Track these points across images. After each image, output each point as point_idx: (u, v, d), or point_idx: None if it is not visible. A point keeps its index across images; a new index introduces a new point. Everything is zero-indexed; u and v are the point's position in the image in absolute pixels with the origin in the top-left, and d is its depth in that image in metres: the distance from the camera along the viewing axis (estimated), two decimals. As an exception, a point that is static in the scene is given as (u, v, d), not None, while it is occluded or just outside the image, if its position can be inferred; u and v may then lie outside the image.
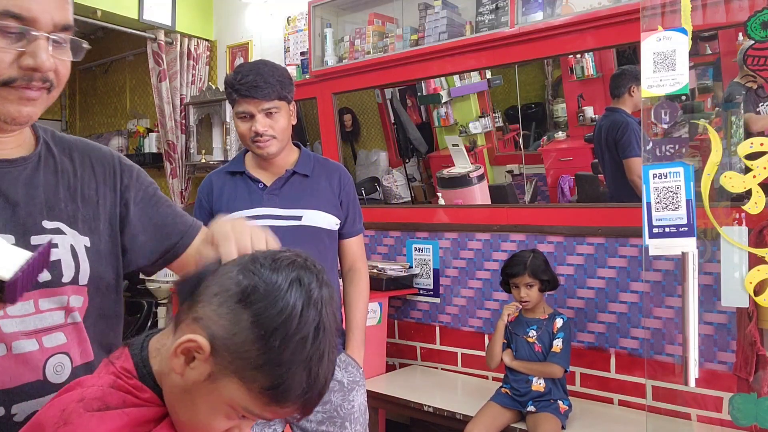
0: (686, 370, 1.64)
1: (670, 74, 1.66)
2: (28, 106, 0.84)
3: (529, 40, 2.66)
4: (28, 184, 0.88)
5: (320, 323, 0.68)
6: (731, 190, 1.63)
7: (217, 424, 0.72)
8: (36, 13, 0.80)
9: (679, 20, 1.65)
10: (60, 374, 0.87)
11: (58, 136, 0.98)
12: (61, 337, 0.88)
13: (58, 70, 0.85)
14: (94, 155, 0.98)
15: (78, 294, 0.89)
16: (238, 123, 1.76)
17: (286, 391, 0.67)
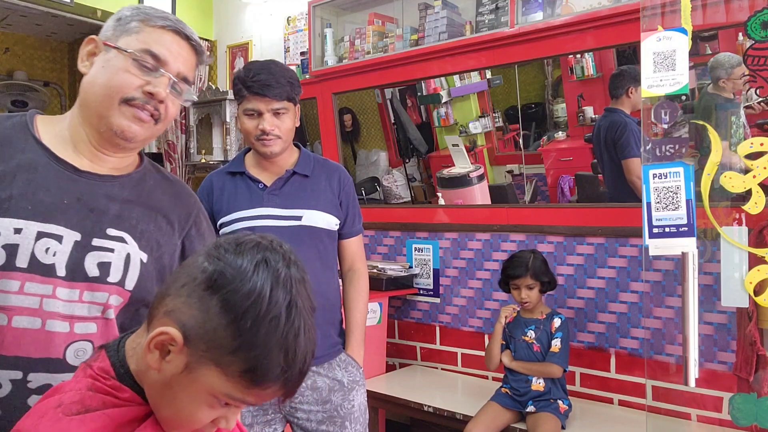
0: (686, 370, 1.64)
1: (670, 74, 1.66)
2: (137, 125, 1.04)
3: (529, 40, 2.66)
4: (110, 197, 1.05)
5: (291, 302, 0.69)
6: (731, 190, 1.63)
7: (201, 416, 0.71)
8: (168, 59, 1.05)
9: (679, 20, 1.65)
10: (80, 358, 0.97)
11: (159, 170, 1.18)
12: (92, 327, 1.00)
13: (168, 107, 1.06)
14: (179, 197, 1.17)
15: (120, 295, 1.03)
16: (244, 120, 1.76)
17: (264, 373, 0.67)
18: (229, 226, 1.79)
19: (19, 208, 0.97)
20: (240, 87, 1.74)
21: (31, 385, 0.95)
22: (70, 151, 1.06)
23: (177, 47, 1.07)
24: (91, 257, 1.00)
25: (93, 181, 1.05)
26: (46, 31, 5.45)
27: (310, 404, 1.72)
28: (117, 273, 1.02)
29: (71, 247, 0.99)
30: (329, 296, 1.79)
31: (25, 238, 0.96)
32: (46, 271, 0.97)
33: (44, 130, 1.07)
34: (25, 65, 5.53)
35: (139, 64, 1.02)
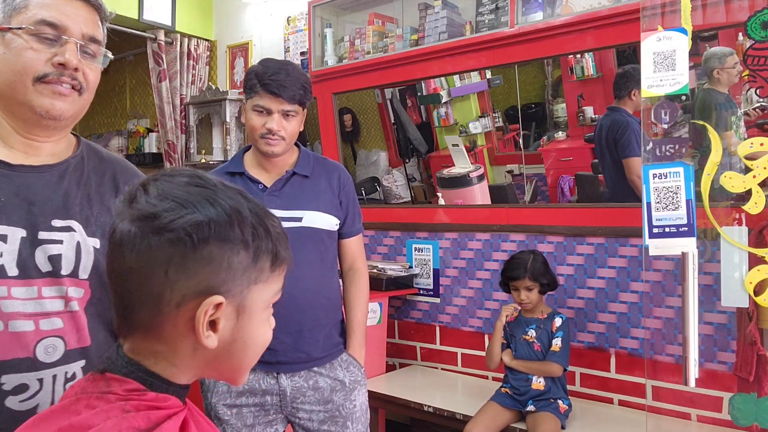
0: (686, 370, 1.64)
1: (670, 74, 1.66)
2: (60, 101, 0.99)
3: (529, 40, 2.66)
4: (49, 187, 1.01)
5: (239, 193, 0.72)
6: (731, 190, 1.63)
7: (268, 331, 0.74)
8: (66, 23, 0.99)
9: (679, 20, 1.65)
10: (51, 355, 0.97)
11: (98, 152, 1.13)
12: (57, 322, 0.98)
13: (87, 74, 1.02)
14: (121, 173, 1.12)
15: (77, 286, 1.00)
16: (252, 115, 1.75)
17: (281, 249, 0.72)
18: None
19: None
20: (255, 82, 1.73)
21: (5, 387, 0.94)
22: (1, 147, 1.01)
23: (72, 8, 1.00)
24: (41, 251, 0.97)
25: (28, 173, 1.01)
26: (46, 31, 5.45)
27: (312, 404, 1.72)
28: (69, 264, 0.99)
29: (18, 245, 0.96)
30: (330, 296, 1.79)
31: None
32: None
33: None
34: (25, 65, 5.53)
35: (38, 38, 0.97)
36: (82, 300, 1.01)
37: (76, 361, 1.00)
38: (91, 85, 1.04)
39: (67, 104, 1.00)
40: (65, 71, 0.98)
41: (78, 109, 1.03)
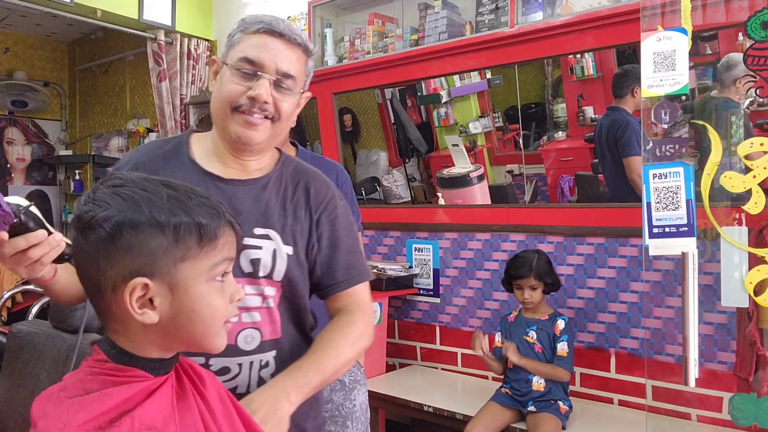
0: (686, 370, 1.64)
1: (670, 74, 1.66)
2: (251, 130, 1.12)
3: (529, 40, 2.66)
4: (254, 199, 1.16)
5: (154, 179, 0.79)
6: (731, 190, 1.63)
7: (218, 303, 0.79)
8: (264, 61, 1.12)
9: (679, 20, 1.65)
10: (249, 344, 1.12)
11: (296, 165, 1.26)
12: (256, 316, 1.13)
13: (278, 105, 1.14)
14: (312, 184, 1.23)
15: (272, 286, 1.14)
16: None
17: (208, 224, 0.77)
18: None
19: None
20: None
21: (213, 368, 1.08)
22: (215, 163, 1.18)
23: (272, 46, 1.14)
24: (244, 255, 1.12)
25: (237, 186, 1.16)
26: (46, 31, 5.45)
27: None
28: (266, 268, 1.13)
29: None
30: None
31: None
32: None
33: (196, 147, 1.21)
34: (25, 65, 5.53)
35: (240, 73, 1.12)
36: (276, 298, 1.15)
37: (270, 351, 1.14)
38: (284, 114, 1.15)
39: (258, 132, 1.13)
40: (256, 103, 1.11)
41: (271, 135, 1.16)
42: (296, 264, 1.16)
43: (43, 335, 1.96)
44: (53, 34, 5.56)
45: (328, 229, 1.20)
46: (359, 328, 1.19)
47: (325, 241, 1.20)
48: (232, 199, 1.14)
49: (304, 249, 1.18)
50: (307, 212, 1.19)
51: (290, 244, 1.16)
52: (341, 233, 1.22)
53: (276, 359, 1.15)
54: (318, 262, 1.19)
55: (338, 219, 1.22)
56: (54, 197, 5.83)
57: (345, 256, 1.21)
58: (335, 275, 1.20)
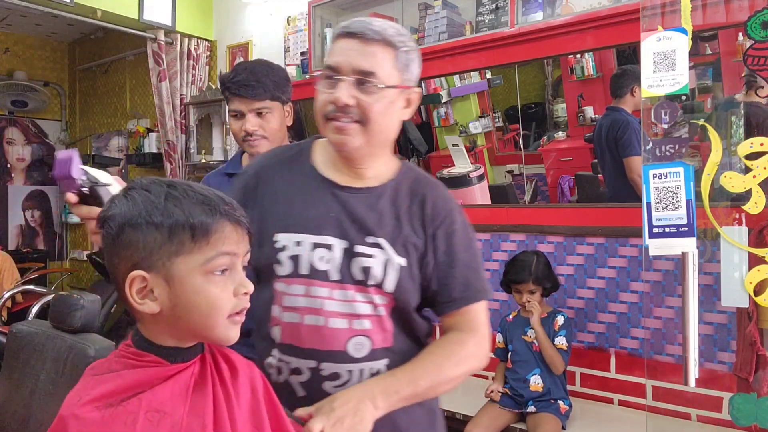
0: (686, 370, 1.64)
1: (670, 74, 1.66)
2: (341, 134, 1.11)
3: (529, 40, 2.66)
4: (368, 207, 1.15)
5: (158, 180, 0.85)
6: (731, 190, 1.63)
7: (216, 296, 0.82)
8: (340, 64, 1.10)
9: (679, 20, 1.65)
10: (359, 351, 1.12)
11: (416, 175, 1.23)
12: (366, 324, 1.12)
13: (362, 105, 1.10)
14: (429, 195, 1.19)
15: (382, 295, 1.13)
16: (231, 121, 1.77)
17: (203, 221, 0.81)
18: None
19: (297, 224, 1.14)
20: (223, 88, 1.75)
21: (323, 373, 1.11)
22: (332, 170, 1.18)
23: (346, 48, 1.11)
24: (356, 262, 1.12)
25: (352, 194, 1.16)
26: (46, 31, 5.45)
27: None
28: (376, 278, 1.11)
29: (341, 254, 1.12)
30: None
31: (304, 249, 1.12)
32: (323, 276, 1.11)
33: (318, 154, 1.22)
34: (25, 65, 5.53)
35: (324, 81, 1.13)
36: (387, 306, 1.14)
37: (381, 359, 1.13)
38: (373, 114, 1.11)
39: (350, 136, 1.11)
40: (338, 107, 1.10)
41: (365, 139, 1.12)
42: (408, 276, 1.14)
43: (43, 335, 1.96)
44: (53, 34, 5.56)
45: (444, 244, 1.17)
46: (468, 348, 1.15)
47: (441, 257, 1.16)
48: (348, 205, 1.14)
49: (417, 263, 1.15)
50: (422, 226, 1.17)
51: (403, 255, 1.14)
52: (458, 249, 1.17)
53: (388, 368, 1.14)
54: (433, 278, 1.16)
55: (456, 234, 1.18)
56: (54, 197, 5.84)
57: (462, 272, 1.17)
58: (450, 292, 1.17)
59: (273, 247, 1.14)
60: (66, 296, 1.97)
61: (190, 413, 0.80)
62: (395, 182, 1.19)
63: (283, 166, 1.22)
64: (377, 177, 1.19)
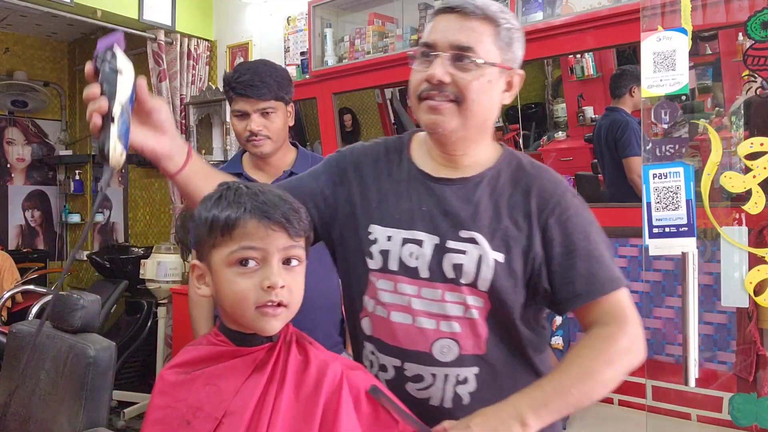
0: (686, 370, 1.64)
1: (670, 74, 1.66)
2: (433, 114, 1.04)
3: (529, 40, 2.64)
4: (462, 199, 1.07)
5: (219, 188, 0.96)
6: (731, 190, 1.63)
7: (242, 286, 0.89)
8: (436, 40, 1.04)
9: (679, 20, 1.65)
10: (445, 355, 1.04)
11: (519, 163, 1.11)
12: (455, 326, 1.04)
13: (459, 83, 1.02)
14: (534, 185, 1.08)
15: (476, 296, 1.04)
16: (234, 121, 1.77)
17: (228, 215, 0.89)
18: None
19: (390, 217, 1.09)
20: (227, 89, 1.75)
21: (407, 373, 1.06)
22: (428, 161, 1.12)
23: (444, 24, 1.04)
24: (447, 259, 1.04)
25: (445, 185, 1.08)
26: (46, 31, 5.45)
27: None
28: (469, 275, 1.03)
29: (431, 251, 1.05)
30: (330, 296, 1.79)
31: (394, 244, 1.07)
32: (413, 273, 1.06)
33: (416, 145, 1.16)
34: (25, 65, 5.53)
35: (419, 60, 1.06)
36: (482, 310, 1.04)
37: (470, 366, 1.05)
38: (470, 92, 1.02)
39: (445, 116, 1.03)
40: (433, 86, 1.02)
41: (461, 120, 1.04)
42: (506, 274, 1.03)
43: (43, 335, 1.96)
44: (53, 34, 5.56)
45: (559, 233, 1.04)
46: (619, 342, 1.00)
47: (557, 248, 1.04)
48: (441, 198, 1.08)
49: (520, 258, 1.04)
50: (528, 216, 1.05)
51: (501, 251, 1.04)
52: (577, 237, 1.04)
53: (478, 378, 1.05)
54: (545, 273, 1.05)
55: (571, 221, 1.05)
56: (54, 197, 5.83)
57: (584, 263, 1.03)
58: (573, 286, 1.03)
59: (367, 238, 1.10)
60: (66, 296, 1.97)
61: (238, 393, 0.87)
62: (495, 170, 1.09)
63: (381, 156, 1.16)
64: (475, 165, 1.10)
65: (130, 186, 5.27)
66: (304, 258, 0.96)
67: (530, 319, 1.09)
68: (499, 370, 1.06)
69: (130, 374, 4.18)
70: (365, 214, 1.11)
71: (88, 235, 5.64)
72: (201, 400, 0.88)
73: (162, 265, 3.81)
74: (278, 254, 0.90)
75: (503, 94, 1.10)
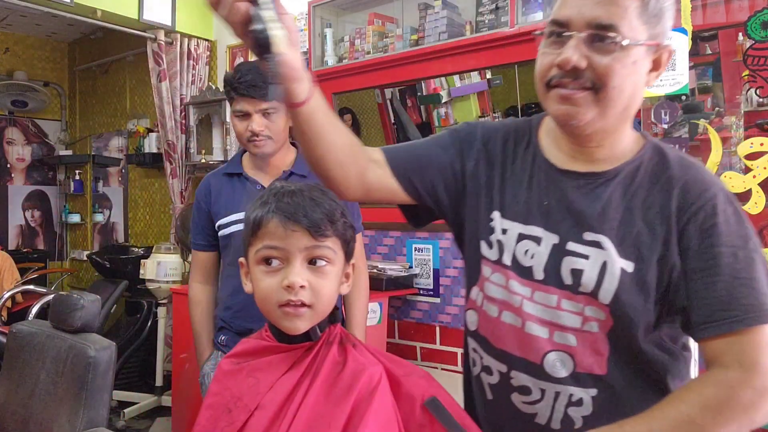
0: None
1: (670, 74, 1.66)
2: (565, 105, 0.88)
3: (529, 40, 2.65)
4: (588, 197, 0.93)
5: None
6: (731, 190, 1.63)
7: (266, 284, 0.91)
8: (570, 16, 0.87)
9: (679, 20, 1.65)
10: (558, 369, 0.91)
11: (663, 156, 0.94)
12: (571, 339, 0.91)
13: (597, 68, 0.85)
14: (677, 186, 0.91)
15: (597, 307, 0.90)
16: (235, 121, 1.76)
17: (256, 215, 0.92)
18: (227, 228, 1.79)
19: (509, 207, 0.98)
20: (228, 89, 1.75)
21: (513, 382, 0.95)
22: (554, 150, 0.98)
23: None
24: (566, 263, 0.91)
25: (571, 179, 0.94)
26: (46, 31, 5.45)
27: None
28: (589, 282, 0.90)
29: (549, 251, 0.93)
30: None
31: (509, 238, 0.96)
32: (526, 273, 0.94)
33: (543, 132, 1.02)
34: (25, 65, 5.53)
35: (549, 40, 0.91)
36: (604, 324, 0.90)
37: (586, 387, 0.91)
38: (611, 79, 0.85)
39: (579, 107, 0.88)
40: (565, 72, 0.87)
41: (599, 110, 0.87)
42: (635, 286, 0.88)
43: (43, 335, 1.96)
44: (53, 34, 5.56)
45: (698, 242, 0.87)
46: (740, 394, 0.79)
47: (693, 261, 0.86)
48: (565, 193, 0.94)
49: (655, 268, 0.88)
50: (666, 220, 0.89)
51: (630, 259, 0.88)
52: (721, 250, 0.85)
53: (595, 401, 0.91)
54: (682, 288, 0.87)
55: (718, 230, 0.86)
56: (54, 197, 5.84)
57: (725, 284, 0.84)
58: (706, 310, 0.85)
59: (487, 224, 0.99)
60: (66, 296, 1.97)
61: (272, 389, 0.90)
62: (633, 165, 0.93)
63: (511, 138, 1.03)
64: (610, 159, 0.94)
65: (130, 186, 5.27)
66: (336, 258, 0.93)
67: (664, 340, 0.93)
68: (623, 395, 0.91)
69: (130, 374, 4.18)
70: (488, 198, 1.00)
71: (88, 234, 5.64)
72: (242, 390, 0.91)
73: (162, 265, 3.81)
74: (301, 254, 0.90)
75: (649, 75, 0.90)
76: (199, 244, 1.89)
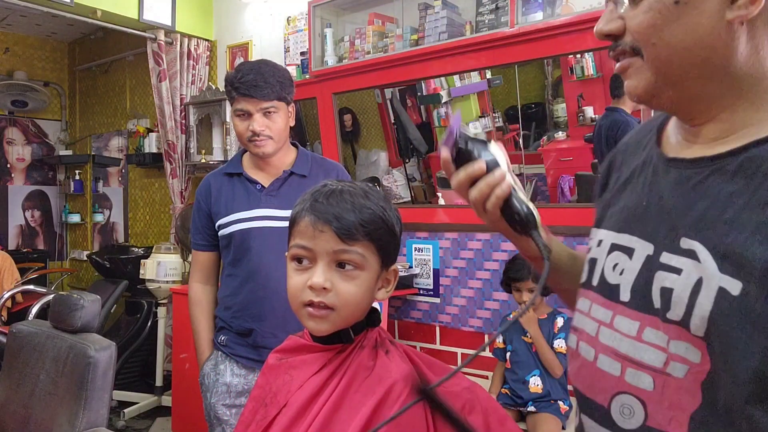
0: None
1: None
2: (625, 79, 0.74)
3: (529, 40, 2.66)
4: (688, 191, 0.69)
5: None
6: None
7: (294, 281, 0.91)
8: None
9: None
10: (625, 418, 0.70)
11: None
12: (646, 381, 0.68)
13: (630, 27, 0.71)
14: None
15: (684, 341, 0.65)
16: (236, 121, 1.77)
17: (293, 214, 0.94)
18: (228, 227, 1.78)
19: (607, 215, 0.82)
20: (229, 89, 1.75)
21: (585, 425, 0.77)
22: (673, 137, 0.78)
23: None
24: (658, 280, 0.68)
25: (678, 169, 0.72)
26: (46, 31, 5.46)
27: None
28: (679, 306, 0.65)
29: (641, 264, 0.71)
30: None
31: (602, 251, 0.78)
32: (611, 292, 0.74)
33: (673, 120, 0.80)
34: (25, 65, 5.54)
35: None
36: (696, 369, 0.64)
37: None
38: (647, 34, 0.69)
39: (631, 79, 0.74)
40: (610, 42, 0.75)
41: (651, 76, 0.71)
42: (744, 315, 0.60)
43: (43, 335, 1.97)
44: (53, 34, 5.56)
45: None
46: None
47: None
48: (671, 188, 0.72)
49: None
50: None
51: (737, 277, 0.61)
52: None
53: None
54: None
55: None
56: (54, 197, 5.84)
57: None
58: None
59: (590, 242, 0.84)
60: (66, 296, 1.97)
61: (301, 388, 0.91)
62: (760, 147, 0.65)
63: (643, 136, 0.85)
64: (730, 137, 0.68)
65: (130, 186, 5.28)
66: (368, 264, 0.90)
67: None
68: None
69: (130, 374, 4.18)
70: (597, 215, 0.86)
71: (88, 234, 5.64)
72: (279, 386, 0.94)
73: (162, 265, 3.81)
74: (327, 256, 0.89)
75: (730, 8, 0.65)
76: (199, 244, 1.89)
